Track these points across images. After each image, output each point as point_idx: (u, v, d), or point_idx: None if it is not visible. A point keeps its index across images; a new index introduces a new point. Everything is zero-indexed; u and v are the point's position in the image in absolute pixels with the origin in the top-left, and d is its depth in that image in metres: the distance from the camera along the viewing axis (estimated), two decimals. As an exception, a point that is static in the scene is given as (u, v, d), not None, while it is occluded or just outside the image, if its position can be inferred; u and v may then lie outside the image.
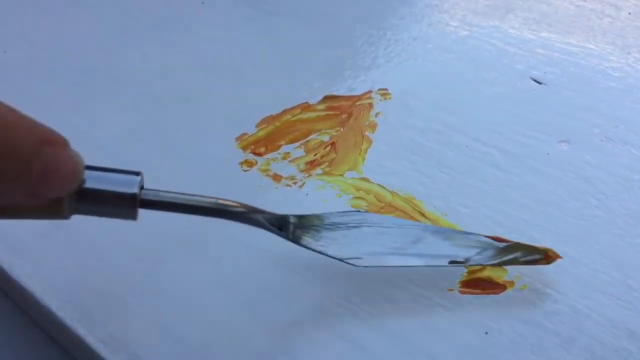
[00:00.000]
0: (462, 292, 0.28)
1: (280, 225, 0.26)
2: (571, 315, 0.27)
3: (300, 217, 0.27)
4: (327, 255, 0.27)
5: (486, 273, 0.29)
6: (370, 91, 0.39)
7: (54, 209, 0.21)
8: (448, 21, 0.46)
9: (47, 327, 0.29)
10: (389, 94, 0.39)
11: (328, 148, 0.35)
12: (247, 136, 0.36)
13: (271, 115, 0.38)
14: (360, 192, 0.33)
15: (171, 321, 0.27)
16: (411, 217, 0.31)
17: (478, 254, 0.28)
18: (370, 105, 0.38)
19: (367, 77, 0.41)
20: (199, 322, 0.27)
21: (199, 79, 0.41)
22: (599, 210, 0.32)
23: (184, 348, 0.26)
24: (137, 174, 0.22)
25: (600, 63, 0.41)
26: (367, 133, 0.36)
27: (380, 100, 0.39)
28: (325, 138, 0.36)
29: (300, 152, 0.35)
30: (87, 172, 0.22)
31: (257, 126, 0.37)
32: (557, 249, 0.29)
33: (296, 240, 0.27)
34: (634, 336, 0.26)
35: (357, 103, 0.38)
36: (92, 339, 0.26)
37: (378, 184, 0.33)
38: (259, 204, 0.32)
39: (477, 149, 0.35)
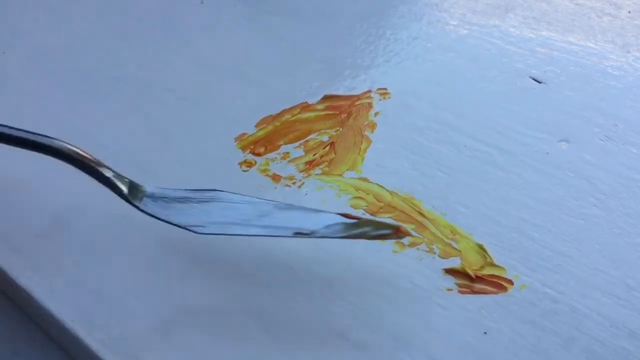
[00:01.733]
0: (461, 292, 0.28)
1: (130, 189, 0.27)
2: (570, 314, 0.27)
3: (153, 188, 0.28)
4: (170, 222, 0.27)
5: (486, 271, 0.29)
6: (369, 91, 0.39)
7: None
8: (448, 20, 0.46)
9: (47, 328, 0.29)
10: (388, 93, 0.39)
11: (327, 148, 0.35)
12: (246, 136, 0.36)
13: (270, 115, 0.38)
14: (360, 192, 0.33)
15: (172, 323, 0.27)
16: (410, 217, 0.31)
17: (326, 227, 0.27)
18: (370, 104, 0.38)
19: (367, 77, 0.41)
20: (198, 323, 0.27)
21: (198, 78, 0.41)
22: (598, 209, 0.32)
23: (183, 349, 0.26)
24: None
25: (600, 62, 0.41)
26: (366, 133, 0.36)
27: (380, 99, 0.39)
28: (325, 138, 0.36)
29: (300, 152, 0.35)
30: None
31: (256, 126, 0.37)
32: (557, 248, 0.30)
33: (141, 207, 0.27)
34: (634, 336, 0.26)
35: (357, 103, 0.38)
36: (91, 340, 0.26)
37: (377, 184, 0.33)
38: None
39: (477, 148, 0.35)
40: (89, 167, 0.26)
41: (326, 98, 0.39)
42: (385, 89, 0.40)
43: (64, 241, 0.30)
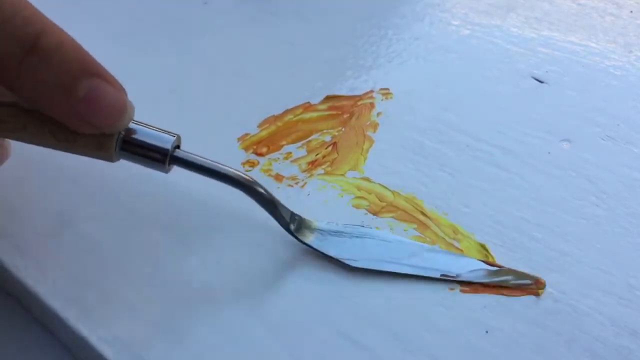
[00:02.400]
0: (463, 292, 0.28)
1: (290, 219, 0.29)
2: (572, 314, 0.27)
3: (308, 220, 0.30)
4: (326, 254, 0.29)
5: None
6: (371, 91, 0.40)
7: (103, 147, 0.26)
8: (450, 20, 0.46)
9: (51, 327, 0.29)
10: (390, 93, 0.39)
11: (330, 148, 0.36)
12: (249, 136, 0.36)
13: (273, 116, 0.38)
14: (362, 191, 0.33)
15: (175, 322, 0.27)
16: (412, 217, 0.31)
17: (470, 272, 0.29)
18: (372, 105, 0.38)
19: (369, 77, 0.41)
20: (202, 322, 0.27)
21: (201, 79, 0.41)
22: (600, 209, 0.32)
23: (187, 349, 0.26)
24: (174, 135, 0.28)
25: (602, 61, 0.41)
26: (368, 133, 0.36)
27: (382, 99, 0.39)
28: (327, 138, 0.36)
29: (302, 152, 0.35)
30: (134, 125, 0.27)
31: (259, 126, 0.37)
32: (558, 248, 0.30)
33: (300, 237, 0.29)
34: (636, 335, 0.26)
35: (359, 103, 0.39)
36: (95, 340, 0.26)
37: (379, 184, 0.33)
38: (260, 204, 0.32)
39: (479, 148, 0.35)
40: (268, 201, 0.29)
41: (328, 98, 0.39)
42: (388, 89, 0.40)
43: (68, 240, 0.30)
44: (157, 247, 0.30)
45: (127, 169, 0.34)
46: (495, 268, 0.29)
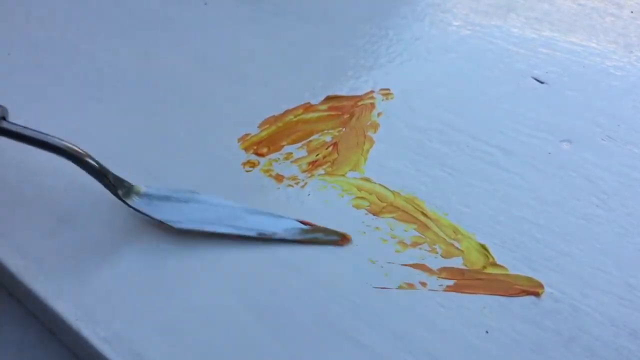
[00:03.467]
0: (463, 292, 0.28)
1: (118, 185, 0.31)
2: (572, 314, 0.27)
3: (137, 186, 0.32)
4: (150, 216, 0.30)
5: (488, 270, 0.29)
6: (372, 91, 0.40)
7: None
8: (450, 20, 0.46)
9: (52, 326, 0.29)
10: (391, 93, 0.39)
11: (330, 148, 0.36)
12: (249, 137, 0.36)
13: (273, 116, 0.38)
14: (362, 192, 0.33)
15: (175, 321, 0.27)
16: (413, 217, 0.31)
17: (284, 230, 0.31)
18: (372, 105, 0.38)
19: (369, 77, 0.41)
20: (201, 322, 0.27)
21: (202, 79, 0.41)
22: (600, 209, 0.32)
23: (187, 348, 0.26)
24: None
25: (602, 62, 0.41)
26: (369, 133, 0.37)
27: (382, 100, 0.39)
28: (328, 138, 0.36)
29: (303, 152, 0.35)
30: None
31: (259, 127, 0.37)
32: (559, 248, 0.30)
33: (126, 201, 0.31)
34: (635, 335, 0.26)
35: (359, 103, 0.39)
36: (96, 339, 0.26)
37: (380, 184, 0.33)
38: (261, 204, 0.32)
39: (479, 148, 0.35)
40: (86, 163, 0.30)
41: (329, 98, 0.39)
42: (388, 89, 0.40)
43: (68, 242, 0.30)
44: (157, 249, 0.30)
45: (127, 170, 0.34)
46: (308, 227, 0.31)
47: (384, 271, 0.29)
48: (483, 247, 0.30)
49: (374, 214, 0.32)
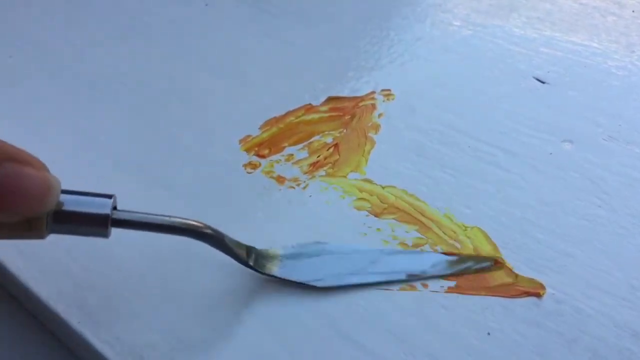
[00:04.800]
0: (465, 293, 0.28)
1: (246, 253, 0.28)
2: (574, 315, 0.27)
3: (262, 250, 0.29)
4: (289, 279, 0.28)
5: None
6: (373, 92, 0.40)
7: (33, 228, 0.23)
8: (451, 21, 0.46)
9: (54, 329, 0.29)
10: (392, 94, 0.39)
11: (331, 149, 0.36)
12: (250, 138, 0.36)
13: (274, 117, 0.38)
14: (364, 193, 0.33)
15: (176, 323, 0.27)
16: (414, 218, 0.31)
17: (432, 267, 0.29)
18: (373, 106, 0.38)
19: (370, 78, 0.41)
20: (203, 324, 0.27)
21: (202, 80, 0.41)
22: (602, 209, 0.32)
23: (188, 350, 0.26)
24: (110, 197, 0.25)
25: (604, 62, 0.41)
26: (370, 134, 0.36)
27: (383, 101, 0.39)
28: (329, 139, 0.36)
29: (304, 153, 0.35)
30: (64, 196, 0.24)
31: (260, 128, 0.37)
32: (560, 249, 0.30)
33: (259, 269, 0.28)
34: (638, 336, 0.26)
35: (360, 104, 0.39)
36: (97, 341, 0.26)
37: (381, 185, 0.33)
38: (262, 205, 0.32)
39: (480, 149, 0.35)
40: (220, 243, 0.27)
41: (330, 100, 0.39)
42: (389, 90, 0.40)
43: (70, 244, 0.30)
44: (159, 251, 0.30)
45: (129, 171, 0.34)
46: (455, 257, 0.29)
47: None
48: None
49: (375, 216, 0.32)
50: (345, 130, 0.37)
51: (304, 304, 0.28)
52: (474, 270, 0.29)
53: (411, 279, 0.29)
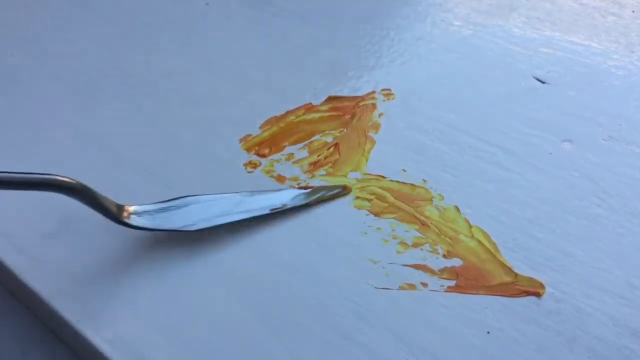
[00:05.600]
0: (464, 292, 0.28)
1: (118, 210, 0.29)
2: (574, 314, 0.27)
3: (127, 206, 0.30)
4: (162, 229, 0.30)
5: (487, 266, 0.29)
6: (373, 91, 0.40)
7: None
8: (452, 20, 0.46)
9: (54, 327, 0.29)
10: (392, 94, 0.39)
11: (331, 149, 0.36)
12: (251, 137, 0.36)
13: (275, 117, 0.38)
14: (363, 192, 0.33)
15: (177, 322, 0.27)
16: (414, 218, 0.31)
17: (292, 199, 0.32)
18: (374, 105, 0.39)
19: (371, 78, 0.41)
20: (204, 323, 0.27)
21: (203, 80, 0.41)
22: (602, 209, 0.32)
23: (190, 349, 0.26)
24: None
25: (604, 61, 0.41)
26: (370, 134, 0.37)
27: (384, 100, 0.39)
28: (329, 139, 0.36)
29: (304, 153, 0.35)
30: None
31: (260, 127, 0.37)
32: (560, 248, 0.30)
33: (128, 223, 0.29)
34: (637, 335, 0.26)
35: (361, 104, 0.39)
36: (98, 340, 0.27)
37: (391, 180, 0.33)
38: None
39: (481, 148, 0.35)
40: (89, 196, 0.27)
41: (330, 99, 0.39)
42: (389, 89, 0.40)
43: (70, 242, 0.31)
44: (160, 249, 0.30)
45: (130, 171, 0.34)
46: (309, 190, 0.33)
47: (385, 272, 0.29)
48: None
49: (375, 215, 0.32)
50: (345, 130, 0.37)
51: (305, 303, 0.28)
52: (328, 197, 0.32)
53: (274, 211, 0.31)
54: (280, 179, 0.34)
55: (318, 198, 0.32)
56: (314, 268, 0.29)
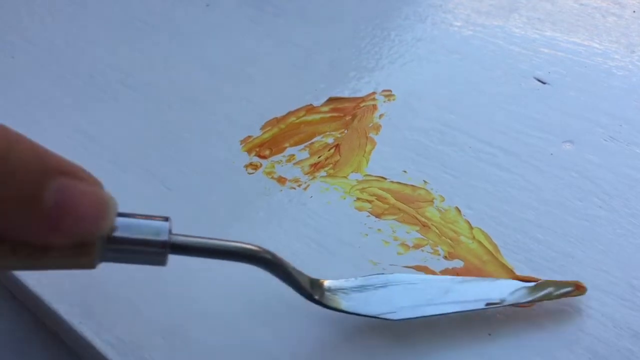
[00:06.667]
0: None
1: (311, 285, 0.26)
2: (574, 315, 0.27)
3: (324, 281, 0.27)
4: (359, 314, 0.26)
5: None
6: (374, 92, 0.40)
7: (83, 253, 0.20)
8: (452, 21, 0.46)
9: (56, 329, 0.29)
10: (392, 95, 0.39)
11: (332, 150, 0.36)
12: (251, 139, 0.36)
13: (275, 118, 0.38)
14: (364, 193, 0.33)
15: (178, 324, 0.27)
16: (414, 219, 0.31)
17: (511, 294, 0.27)
18: (374, 106, 0.39)
19: (371, 78, 0.41)
20: (205, 324, 0.27)
21: (204, 81, 0.41)
22: (602, 210, 0.32)
23: (191, 351, 0.26)
24: (166, 219, 0.22)
25: (605, 62, 0.41)
26: (371, 135, 0.37)
27: (384, 101, 0.39)
28: (330, 140, 0.36)
29: (305, 154, 0.36)
30: (118, 219, 0.21)
31: (261, 129, 0.37)
32: (561, 249, 0.30)
33: (324, 302, 0.26)
34: (637, 336, 0.26)
35: (361, 105, 0.39)
36: (99, 342, 0.27)
37: (380, 186, 0.33)
38: (263, 206, 0.32)
39: (481, 149, 0.35)
40: (282, 271, 0.25)
41: (331, 100, 0.39)
42: (390, 90, 0.40)
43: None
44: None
45: (131, 171, 0.34)
46: (533, 283, 0.28)
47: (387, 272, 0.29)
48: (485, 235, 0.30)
49: (376, 216, 0.32)
50: (346, 131, 0.37)
51: (306, 306, 0.28)
52: (556, 296, 0.27)
53: (490, 307, 0.27)
54: (281, 180, 0.34)
55: (544, 297, 0.27)
56: (314, 269, 0.29)
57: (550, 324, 0.27)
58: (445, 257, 0.30)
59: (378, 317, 0.26)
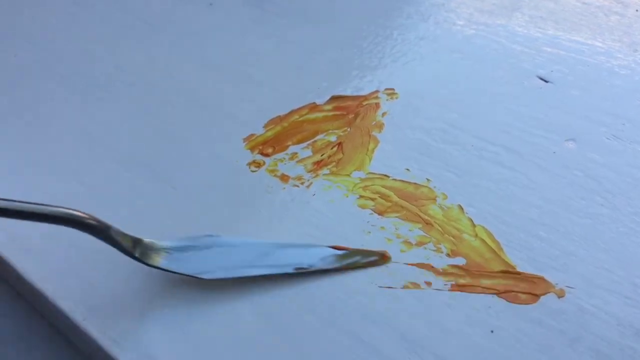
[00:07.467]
0: (468, 291, 0.28)
1: (132, 244, 0.27)
2: (577, 313, 0.27)
3: (151, 241, 0.28)
4: (174, 272, 0.28)
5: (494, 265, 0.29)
6: (376, 91, 0.40)
7: None
8: (454, 20, 0.46)
9: (60, 326, 0.29)
10: (395, 93, 0.39)
11: (335, 148, 0.36)
12: (254, 137, 0.37)
13: (279, 116, 0.38)
14: (367, 191, 0.33)
15: (182, 320, 0.27)
16: (417, 216, 0.31)
17: (321, 259, 0.29)
18: (377, 105, 0.39)
19: (374, 77, 0.41)
20: (209, 322, 0.27)
21: (207, 80, 0.41)
22: (605, 208, 0.32)
23: (195, 347, 0.26)
24: None
25: (608, 61, 0.41)
26: (373, 133, 0.37)
27: (387, 100, 0.39)
28: (333, 138, 0.36)
29: (308, 152, 0.36)
30: None
31: (264, 127, 0.37)
32: (564, 248, 0.30)
33: (145, 260, 0.28)
34: (640, 334, 0.26)
35: (364, 103, 0.39)
36: (103, 339, 0.27)
37: (394, 178, 0.33)
38: (266, 204, 0.32)
39: (484, 148, 0.35)
40: (95, 230, 0.26)
41: (334, 98, 0.39)
42: (393, 89, 0.40)
43: (76, 241, 0.31)
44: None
45: (132, 172, 0.34)
46: (343, 252, 0.30)
47: (388, 271, 0.29)
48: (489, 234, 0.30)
49: (379, 214, 0.32)
50: (349, 129, 0.37)
51: (308, 303, 0.28)
52: (362, 264, 0.29)
53: (299, 272, 0.29)
54: (284, 178, 0.34)
55: (350, 264, 0.29)
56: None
57: (553, 322, 0.27)
58: (448, 255, 0.30)
59: (190, 276, 0.28)
